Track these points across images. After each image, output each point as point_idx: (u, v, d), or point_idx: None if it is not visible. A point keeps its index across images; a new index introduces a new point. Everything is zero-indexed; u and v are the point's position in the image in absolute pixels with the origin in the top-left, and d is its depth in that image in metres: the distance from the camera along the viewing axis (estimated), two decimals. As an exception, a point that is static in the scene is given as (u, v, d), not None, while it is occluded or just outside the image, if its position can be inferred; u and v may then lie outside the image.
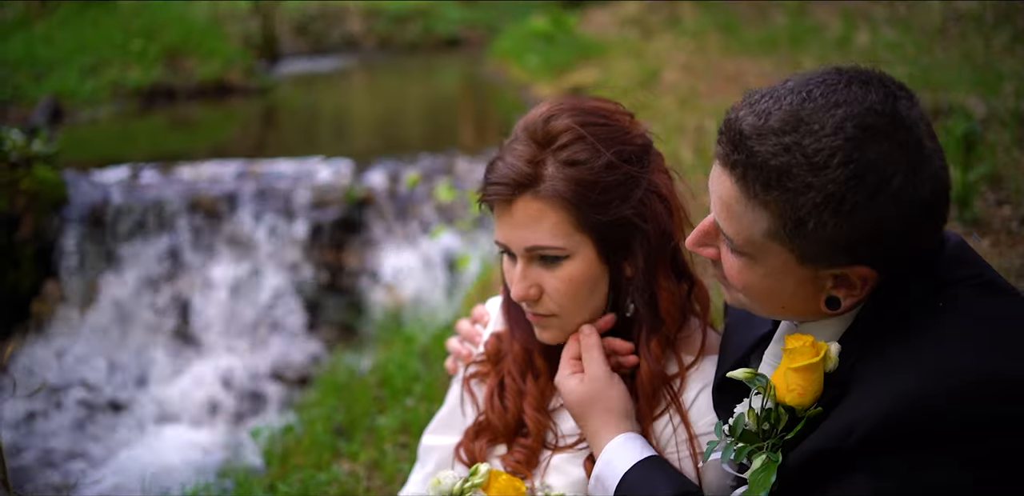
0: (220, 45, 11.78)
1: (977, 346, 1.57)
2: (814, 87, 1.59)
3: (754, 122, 1.59)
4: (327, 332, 6.58)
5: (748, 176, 1.60)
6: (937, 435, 1.52)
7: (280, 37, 14.77)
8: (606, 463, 1.97)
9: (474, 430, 2.29)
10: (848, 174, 1.53)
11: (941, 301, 1.63)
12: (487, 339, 2.36)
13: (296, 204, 6.87)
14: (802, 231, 1.58)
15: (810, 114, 1.56)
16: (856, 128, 1.54)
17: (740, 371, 1.76)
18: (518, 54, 11.45)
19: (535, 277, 2.09)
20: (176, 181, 7.15)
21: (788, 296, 1.70)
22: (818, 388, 1.69)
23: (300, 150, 8.45)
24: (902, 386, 1.55)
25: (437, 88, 13.53)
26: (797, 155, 1.55)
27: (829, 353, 1.68)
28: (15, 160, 6.51)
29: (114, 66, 10.65)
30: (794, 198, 1.56)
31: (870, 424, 1.55)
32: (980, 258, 1.75)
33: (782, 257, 1.64)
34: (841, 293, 1.67)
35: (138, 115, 10.44)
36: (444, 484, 2.08)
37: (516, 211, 2.05)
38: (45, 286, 6.64)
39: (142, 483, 3.99)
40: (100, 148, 9.16)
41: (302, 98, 12.51)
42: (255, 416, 5.96)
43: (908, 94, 1.60)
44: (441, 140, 9.09)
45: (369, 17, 16.31)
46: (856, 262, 1.61)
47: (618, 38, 11.22)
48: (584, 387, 2.06)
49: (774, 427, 1.73)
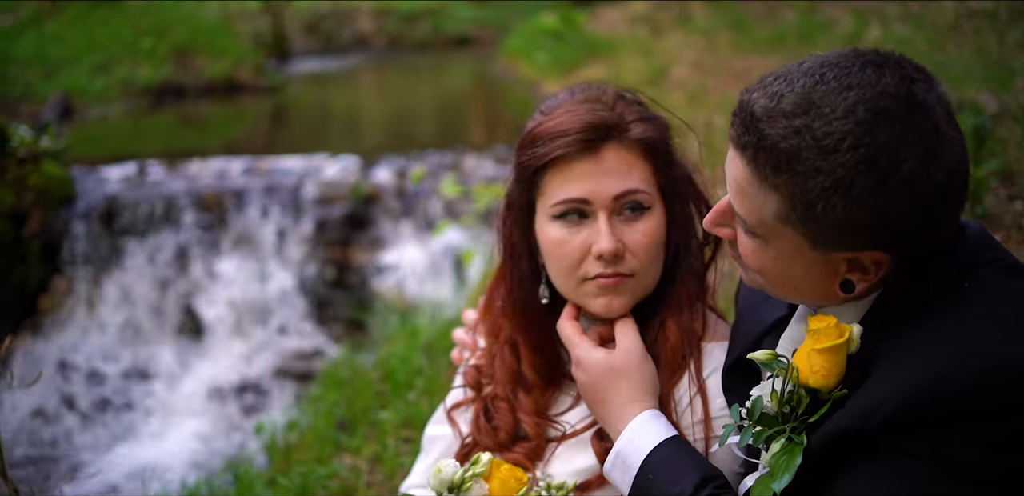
0: (230, 43, 11.81)
1: (1003, 328, 1.55)
2: (828, 70, 1.56)
3: (766, 104, 1.57)
4: (333, 328, 6.58)
5: (759, 158, 1.59)
6: (960, 416, 1.50)
7: (290, 36, 14.79)
8: (628, 440, 1.91)
9: (462, 453, 2.23)
10: (858, 158, 1.51)
11: (966, 282, 1.62)
12: (467, 369, 2.32)
13: (303, 200, 6.86)
14: (812, 214, 1.56)
15: (822, 97, 1.54)
16: (868, 112, 1.51)
17: (761, 352, 1.72)
18: (527, 52, 11.44)
19: (618, 233, 2.05)
20: (183, 177, 7.15)
21: (800, 278, 1.69)
22: (841, 369, 1.66)
23: (309, 147, 8.46)
24: (926, 367, 1.54)
25: (446, 86, 13.53)
26: (807, 138, 1.53)
27: (852, 335, 1.66)
28: (23, 156, 6.53)
29: (124, 64, 10.69)
30: (804, 181, 1.54)
31: (893, 405, 1.53)
32: (1000, 244, 1.73)
33: (794, 240, 1.62)
34: (855, 277, 1.64)
35: (148, 113, 10.47)
36: (445, 473, 2.04)
37: (605, 159, 2.03)
38: (52, 281, 6.65)
39: (142, 478, 3.96)
40: (109, 145, 9.19)
41: (312, 96, 12.52)
42: (261, 411, 5.95)
43: (926, 77, 1.57)
44: (449, 137, 9.10)
45: (379, 16, 16.32)
46: (868, 247, 1.59)
47: (628, 36, 11.19)
48: (615, 359, 2.00)
49: (795, 410, 1.69)
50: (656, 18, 11.63)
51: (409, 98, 12.55)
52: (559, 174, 2.04)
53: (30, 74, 9.99)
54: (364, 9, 16.24)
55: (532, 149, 2.05)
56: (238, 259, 6.74)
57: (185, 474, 4.00)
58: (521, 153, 2.09)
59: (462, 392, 2.32)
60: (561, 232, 2.06)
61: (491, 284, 2.31)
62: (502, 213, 2.19)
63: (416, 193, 6.88)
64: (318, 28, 15.79)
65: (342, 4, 16.09)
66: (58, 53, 10.53)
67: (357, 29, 16.13)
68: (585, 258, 2.05)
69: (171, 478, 4.03)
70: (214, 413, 6.20)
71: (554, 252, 2.07)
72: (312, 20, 15.71)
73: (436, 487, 2.03)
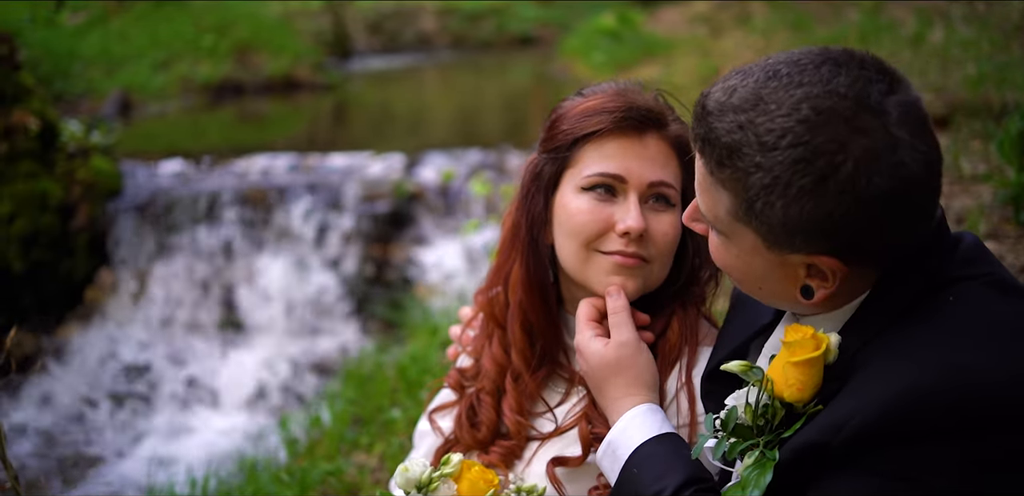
0: (290, 41, 11.95)
1: (979, 345, 1.48)
2: (784, 66, 1.52)
3: (719, 98, 1.55)
4: (371, 325, 6.60)
5: (706, 152, 1.57)
6: (927, 435, 1.44)
7: (353, 35, 14.92)
8: (621, 431, 1.88)
9: (444, 448, 2.23)
10: (796, 157, 1.45)
11: (951, 295, 1.55)
12: (450, 372, 2.31)
13: (346, 198, 6.89)
14: (754, 213, 1.52)
15: (770, 93, 1.50)
16: (812, 110, 1.46)
17: (735, 363, 1.67)
18: (585, 52, 11.41)
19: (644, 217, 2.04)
20: (229, 173, 7.24)
21: (762, 278, 1.65)
22: (818, 382, 1.59)
23: (365, 145, 8.50)
24: (897, 382, 1.47)
25: (503, 85, 13.53)
26: (749, 134, 1.49)
27: (830, 345, 1.59)
28: (72, 151, 6.67)
29: (185, 61, 10.87)
30: (745, 178, 1.50)
31: (861, 420, 1.47)
32: (995, 258, 1.65)
33: (750, 238, 1.59)
34: (815, 283, 1.59)
35: (206, 110, 10.63)
36: (412, 472, 2.00)
37: (648, 144, 2.05)
38: (98, 274, 6.78)
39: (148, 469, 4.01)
40: (165, 141, 9.35)
41: (371, 94, 12.61)
42: (293, 406, 5.99)
43: (891, 80, 1.50)
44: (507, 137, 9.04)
45: (443, 15, 16.40)
46: (816, 251, 1.54)
47: (687, 36, 11.09)
48: (609, 352, 1.96)
49: (769, 423, 1.64)
50: (716, 18, 11.50)
51: (466, 97, 12.57)
52: (598, 148, 2.04)
53: (93, 71, 10.22)
54: (428, 8, 16.33)
55: (574, 121, 2.05)
56: (280, 255, 6.80)
57: (201, 467, 4.02)
58: (557, 125, 2.08)
59: (448, 393, 2.31)
60: (589, 203, 2.03)
61: (493, 267, 2.26)
62: (525, 185, 2.14)
63: (459, 192, 6.87)
64: (381, 27, 15.91)
65: (406, 3, 16.20)
66: (121, 50, 10.75)
67: (420, 28, 16.22)
68: (605, 233, 2.03)
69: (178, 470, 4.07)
70: (250, 406, 6.27)
71: (575, 220, 2.04)
72: (375, 19, 15.84)
73: (403, 486, 2.01)
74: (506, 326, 2.18)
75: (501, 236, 2.24)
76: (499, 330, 2.21)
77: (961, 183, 4.65)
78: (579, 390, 2.14)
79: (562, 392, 2.16)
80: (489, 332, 2.24)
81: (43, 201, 6.51)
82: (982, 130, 5.23)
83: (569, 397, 2.15)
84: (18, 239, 6.43)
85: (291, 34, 12.34)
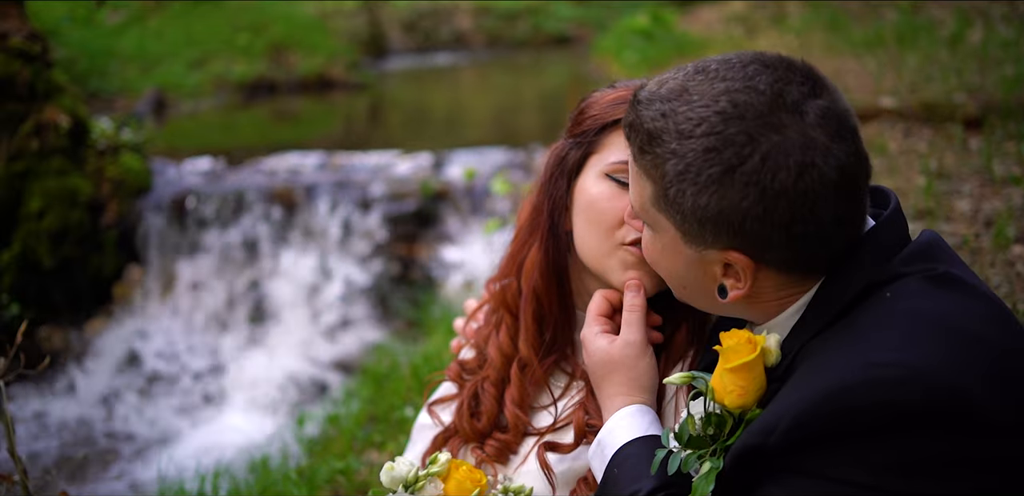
0: (324, 40, 12.00)
1: (905, 339, 1.47)
2: (714, 63, 1.59)
3: (651, 89, 1.62)
4: (396, 323, 6.59)
5: (631, 138, 1.64)
6: (849, 432, 1.43)
7: (388, 34, 14.96)
8: (609, 431, 1.88)
9: (443, 437, 2.22)
10: (708, 145, 1.51)
11: (889, 292, 1.55)
12: (450, 365, 2.30)
13: (372, 196, 6.90)
14: (668, 200, 1.58)
15: (696, 85, 1.56)
16: (729, 102, 1.52)
17: (677, 375, 1.72)
18: (618, 51, 11.34)
19: None
20: (258, 171, 7.27)
21: (684, 276, 1.70)
22: (760, 386, 1.60)
23: (398, 144, 8.49)
24: (822, 380, 1.47)
25: (538, 85, 13.50)
26: (669, 122, 1.56)
27: (768, 347, 1.60)
28: (103, 148, 6.72)
29: (220, 60, 10.96)
30: (662, 164, 1.57)
31: (790, 418, 1.47)
32: (949, 255, 1.63)
33: (670, 231, 1.64)
34: (729, 282, 1.64)
35: (239, 108, 10.70)
36: (398, 471, 1.99)
37: None
38: (126, 270, 6.84)
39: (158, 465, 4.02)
40: (198, 139, 9.42)
41: (406, 93, 12.63)
42: (315, 404, 6.00)
43: (816, 84, 1.55)
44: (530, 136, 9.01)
45: (479, 15, 16.39)
46: (726, 245, 1.57)
47: (722, 35, 10.98)
48: (614, 350, 1.95)
49: (719, 431, 1.63)
50: (751, 18, 11.40)
51: (505, 96, 12.55)
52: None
53: (129, 69, 10.32)
54: (463, 8, 16.33)
55: (603, 108, 2.04)
56: (306, 252, 6.82)
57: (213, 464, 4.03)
58: (586, 111, 2.08)
59: (449, 386, 2.30)
60: (612, 189, 2.01)
61: (507, 255, 2.24)
62: (548, 169, 2.13)
63: (484, 191, 6.84)
64: (416, 26, 15.93)
65: (442, 3, 16.21)
66: (157, 49, 10.85)
67: (456, 27, 16.22)
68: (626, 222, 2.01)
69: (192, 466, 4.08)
70: (273, 403, 6.29)
71: (597, 207, 2.02)
72: (411, 18, 15.87)
73: (388, 484, 1.99)
74: (518, 314, 2.16)
75: (517, 224, 2.23)
76: (509, 318, 2.19)
77: (992, 186, 4.57)
78: (577, 384, 2.13)
79: (562, 386, 2.15)
80: (496, 322, 2.23)
81: (73, 198, 6.58)
82: (1016, 132, 5.14)
83: (568, 391, 2.14)
84: (48, 235, 6.50)
85: (326, 33, 12.40)
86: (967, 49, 7.66)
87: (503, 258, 2.26)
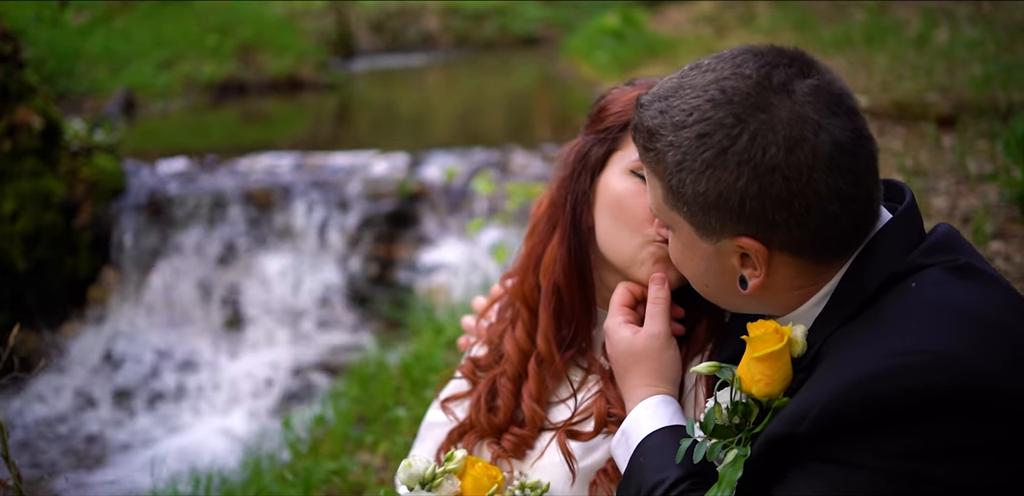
0: (293, 41, 11.95)
1: (931, 328, 1.49)
2: (707, 58, 1.63)
3: (651, 91, 1.66)
4: (375, 324, 6.58)
5: (636, 140, 1.68)
6: (879, 420, 1.45)
7: (356, 34, 14.90)
8: (634, 420, 1.89)
9: (458, 432, 2.21)
10: (699, 131, 1.55)
11: (914, 282, 1.57)
12: (464, 362, 2.30)
13: (349, 197, 6.88)
14: (673, 194, 1.61)
15: (689, 80, 1.60)
16: (718, 90, 1.55)
17: (704, 365, 1.73)
18: (588, 52, 11.38)
19: None
20: (233, 172, 7.23)
21: (705, 273, 1.71)
22: (786, 375, 1.62)
23: (368, 144, 8.47)
24: (852, 369, 1.49)
25: (506, 85, 13.51)
26: (666, 117, 1.60)
27: (795, 337, 1.62)
28: (76, 149, 6.65)
29: (188, 60, 10.87)
30: (664, 158, 1.60)
31: (821, 410, 1.49)
32: (967, 246, 1.66)
33: (686, 227, 1.66)
34: (747, 272, 1.64)
35: (209, 109, 10.62)
36: (416, 468, 2.00)
37: None
38: (102, 272, 6.77)
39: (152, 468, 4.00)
40: (168, 140, 9.34)
41: (375, 94, 12.60)
42: (298, 405, 5.98)
43: (804, 65, 1.57)
44: (500, 136, 9.04)
45: (446, 15, 16.36)
46: (735, 233, 1.59)
47: (691, 36, 11.07)
48: (637, 341, 1.95)
49: (745, 420, 1.66)
50: (720, 18, 11.48)
51: (474, 96, 12.56)
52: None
53: (97, 70, 10.22)
54: (431, 8, 16.29)
55: (626, 105, 2.04)
56: (283, 253, 6.79)
57: (204, 466, 4.01)
58: (608, 108, 2.09)
59: (459, 383, 2.29)
60: (638, 186, 2.01)
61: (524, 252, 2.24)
62: (570, 165, 2.13)
63: (463, 191, 6.85)
64: (384, 27, 15.88)
65: (409, 3, 16.18)
66: (125, 49, 10.75)
67: (423, 28, 16.18)
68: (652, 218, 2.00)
69: (182, 468, 4.06)
70: (252, 405, 6.26)
71: (624, 203, 2.02)
72: (378, 19, 15.81)
73: (406, 481, 2.00)
74: (536, 310, 2.17)
75: (532, 221, 2.23)
76: (527, 313, 2.19)
77: (967, 183, 4.65)
78: (593, 378, 2.14)
79: (578, 381, 2.16)
80: (512, 317, 2.23)
81: (46, 199, 6.50)
82: (988, 130, 5.22)
83: (584, 385, 2.15)
84: (21, 237, 6.42)
85: (295, 34, 12.34)
86: (934, 49, 7.77)
87: (520, 254, 2.26)
